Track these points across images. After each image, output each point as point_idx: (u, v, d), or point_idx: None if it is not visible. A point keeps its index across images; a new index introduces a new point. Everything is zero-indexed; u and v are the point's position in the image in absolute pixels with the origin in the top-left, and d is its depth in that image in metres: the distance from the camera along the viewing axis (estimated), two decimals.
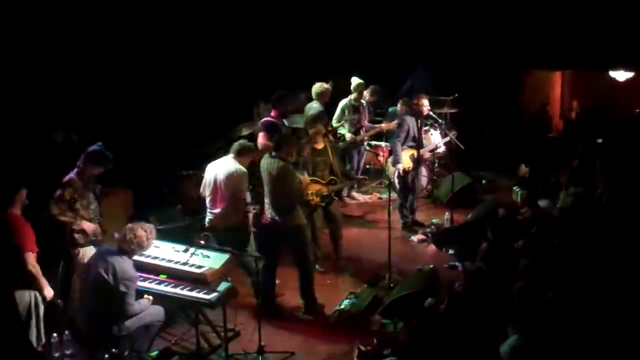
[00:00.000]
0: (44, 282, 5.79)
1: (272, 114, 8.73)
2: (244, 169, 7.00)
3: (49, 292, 5.81)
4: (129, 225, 5.85)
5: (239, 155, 7.06)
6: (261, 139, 8.46)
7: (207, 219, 7.17)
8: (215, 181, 7.05)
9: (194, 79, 10.06)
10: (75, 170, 6.44)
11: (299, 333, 6.86)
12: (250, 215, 7.07)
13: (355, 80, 10.25)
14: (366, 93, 10.55)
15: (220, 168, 7.05)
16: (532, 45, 11.78)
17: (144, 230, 5.81)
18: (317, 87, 9.76)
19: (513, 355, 5.15)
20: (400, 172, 9.16)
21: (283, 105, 8.76)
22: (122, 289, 5.63)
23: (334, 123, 10.11)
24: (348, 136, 10.10)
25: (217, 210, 7.06)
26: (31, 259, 5.70)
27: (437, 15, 12.00)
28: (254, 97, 10.67)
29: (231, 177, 6.94)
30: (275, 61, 10.98)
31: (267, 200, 7.12)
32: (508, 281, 6.36)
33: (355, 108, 10.21)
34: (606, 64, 11.89)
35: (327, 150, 8.05)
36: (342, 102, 10.24)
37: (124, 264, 5.70)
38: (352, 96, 10.19)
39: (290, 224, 7.02)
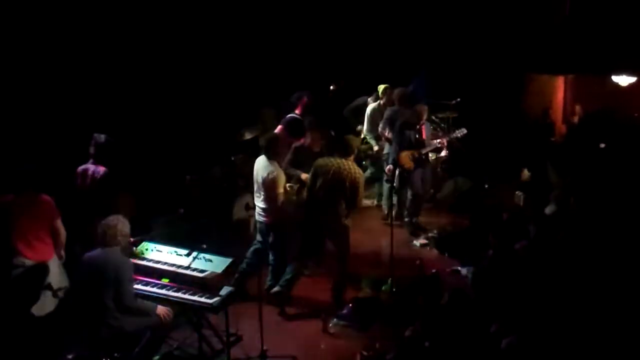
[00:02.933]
0: None
1: (297, 111, 8.85)
2: (275, 167, 7.18)
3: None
4: (102, 224, 5.82)
5: (267, 153, 7.30)
6: (277, 130, 8.58)
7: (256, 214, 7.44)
8: (256, 179, 7.34)
9: (197, 84, 10.08)
10: (105, 169, 6.73)
11: (302, 338, 6.85)
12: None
13: (381, 86, 10.12)
14: (370, 99, 10.50)
15: (259, 167, 7.31)
16: (535, 49, 11.80)
17: (117, 220, 5.85)
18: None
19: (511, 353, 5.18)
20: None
21: (306, 105, 8.91)
22: (120, 277, 5.64)
23: (365, 133, 10.06)
24: (375, 147, 10.00)
25: (261, 206, 7.30)
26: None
27: (440, 20, 12.02)
28: (258, 102, 10.69)
29: (266, 178, 7.17)
30: (279, 66, 10.99)
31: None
32: (512, 284, 6.39)
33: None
34: (609, 69, 11.88)
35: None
36: (369, 109, 10.15)
37: (115, 254, 5.73)
38: (381, 101, 10.08)
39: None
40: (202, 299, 5.88)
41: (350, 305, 7.26)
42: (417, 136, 9.24)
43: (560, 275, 6.55)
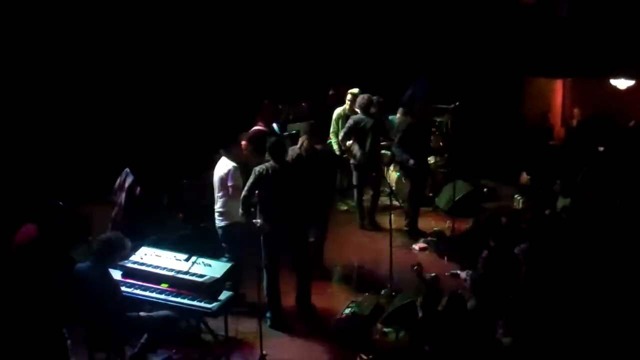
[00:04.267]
0: None
1: (259, 124, 8.84)
2: (233, 163, 7.24)
3: None
4: (103, 240, 5.81)
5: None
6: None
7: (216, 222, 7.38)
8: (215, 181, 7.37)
9: (196, 88, 10.09)
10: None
11: (301, 342, 6.85)
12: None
13: (350, 90, 10.04)
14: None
15: (218, 168, 7.39)
16: (533, 53, 11.81)
17: (118, 239, 5.85)
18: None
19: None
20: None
21: (265, 115, 8.99)
22: (109, 298, 5.66)
23: (331, 136, 10.05)
24: (338, 153, 9.79)
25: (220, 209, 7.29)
26: None
27: (439, 24, 12.04)
28: (258, 106, 10.70)
29: (224, 172, 7.24)
30: (278, 71, 11.01)
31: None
32: (509, 287, 6.41)
33: (348, 118, 9.93)
34: (607, 72, 11.90)
35: None
36: (336, 113, 10.07)
37: (105, 275, 5.72)
38: (346, 106, 10.03)
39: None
40: (202, 304, 5.88)
41: (349, 308, 7.27)
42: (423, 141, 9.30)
43: (560, 274, 6.59)
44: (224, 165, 7.30)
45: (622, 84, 12.05)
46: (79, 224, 6.37)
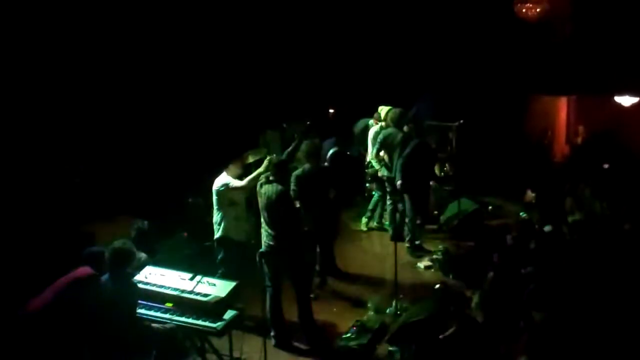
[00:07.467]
0: None
1: None
2: (229, 179, 7.49)
3: None
4: (113, 249, 5.78)
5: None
6: None
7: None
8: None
9: (201, 108, 10.12)
10: None
11: None
12: None
13: (384, 108, 9.97)
14: (372, 121, 10.40)
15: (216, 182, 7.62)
16: (537, 71, 11.84)
17: (127, 245, 5.86)
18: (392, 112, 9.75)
19: None
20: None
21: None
22: (130, 305, 5.70)
23: (371, 158, 9.92)
24: (380, 173, 9.78)
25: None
26: None
27: (444, 42, 12.08)
28: (261, 126, 10.73)
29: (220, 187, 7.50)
30: (282, 90, 11.04)
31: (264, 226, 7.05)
32: (515, 305, 6.38)
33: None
34: (611, 89, 11.90)
35: None
36: (371, 133, 9.97)
37: (124, 281, 5.74)
38: (383, 124, 9.90)
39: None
40: (206, 323, 5.87)
41: (354, 327, 7.23)
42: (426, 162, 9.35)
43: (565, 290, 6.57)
44: (221, 180, 7.51)
45: (626, 101, 12.05)
46: None
